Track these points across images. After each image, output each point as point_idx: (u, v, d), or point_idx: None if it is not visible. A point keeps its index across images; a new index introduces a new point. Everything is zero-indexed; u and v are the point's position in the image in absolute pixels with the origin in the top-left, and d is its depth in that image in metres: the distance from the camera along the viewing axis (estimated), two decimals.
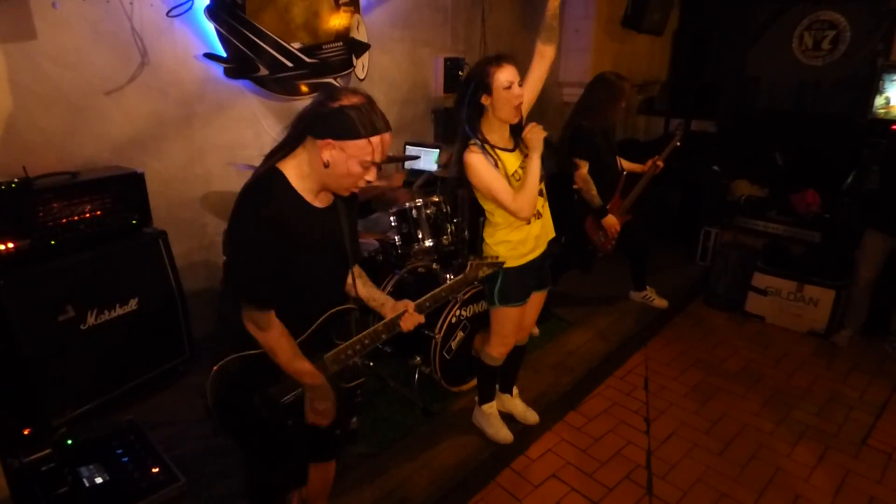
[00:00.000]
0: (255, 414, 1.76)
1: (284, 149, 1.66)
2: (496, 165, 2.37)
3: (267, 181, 1.64)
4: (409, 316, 1.89)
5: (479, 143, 2.37)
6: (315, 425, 1.81)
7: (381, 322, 1.87)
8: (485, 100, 2.33)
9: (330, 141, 1.57)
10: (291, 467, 1.99)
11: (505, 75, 2.29)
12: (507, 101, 2.31)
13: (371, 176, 1.66)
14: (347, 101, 1.57)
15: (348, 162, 1.59)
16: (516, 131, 2.48)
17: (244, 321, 1.67)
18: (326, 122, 1.57)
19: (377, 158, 1.62)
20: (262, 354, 1.72)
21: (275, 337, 1.66)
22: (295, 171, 1.66)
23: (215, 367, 1.71)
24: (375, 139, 1.59)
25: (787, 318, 4.49)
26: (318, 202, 1.72)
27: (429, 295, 1.97)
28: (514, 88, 2.30)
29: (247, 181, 1.66)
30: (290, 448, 1.92)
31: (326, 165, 1.60)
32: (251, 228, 1.59)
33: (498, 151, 2.40)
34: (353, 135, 1.56)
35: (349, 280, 1.95)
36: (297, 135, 1.64)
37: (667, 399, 3.56)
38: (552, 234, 2.67)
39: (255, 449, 1.89)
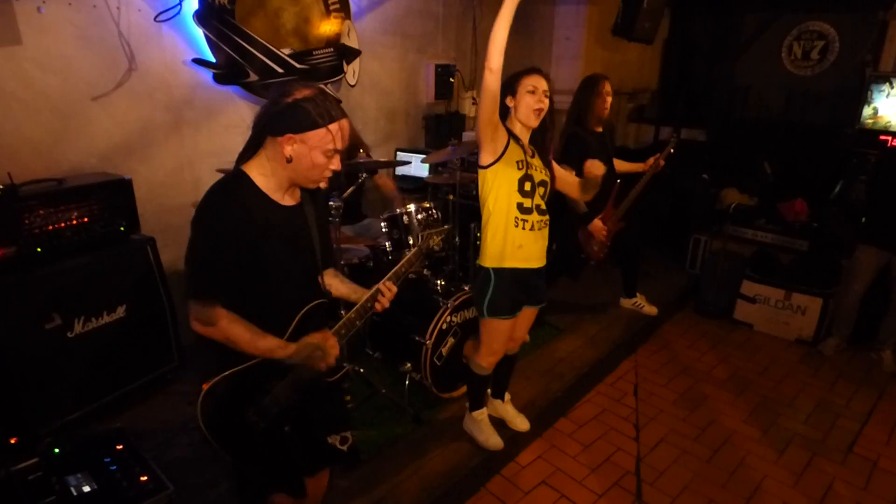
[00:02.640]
0: (251, 429, 1.74)
1: (247, 152, 1.69)
2: (506, 146, 2.47)
3: (230, 181, 1.66)
4: (385, 291, 1.89)
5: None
6: (330, 367, 1.79)
7: (353, 308, 1.87)
8: (509, 101, 2.50)
9: (290, 135, 1.59)
10: (291, 477, 1.95)
11: (531, 80, 2.47)
12: (528, 104, 2.46)
13: (335, 165, 1.67)
14: (300, 94, 1.60)
15: (311, 153, 1.62)
16: (537, 143, 2.60)
17: (192, 324, 1.64)
18: (283, 117, 1.59)
19: (338, 146, 1.64)
20: (244, 370, 1.70)
21: (225, 327, 1.63)
22: (258, 170, 1.68)
23: (201, 393, 1.70)
24: (334, 127, 1.61)
25: (776, 326, 4.52)
26: (285, 200, 1.73)
27: (391, 273, 1.95)
28: (537, 94, 2.46)
29: (213, 184, 1.67)
30: (289, 457, 1.89)
31: (289, 160, 1.62)
32: (207, 225, 1.61)
33: (513, 139, 2.51)
34: (312, 125, 1.59)
35: (326, 281, 1.95)
36: (257, 136, 1.67)
37: (656, 406, 3.58)
38: (542, 261, 2.68)
39: (255, 463, 1.85)
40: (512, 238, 2.55)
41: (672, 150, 4.01)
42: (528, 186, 2.51)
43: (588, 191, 2.78)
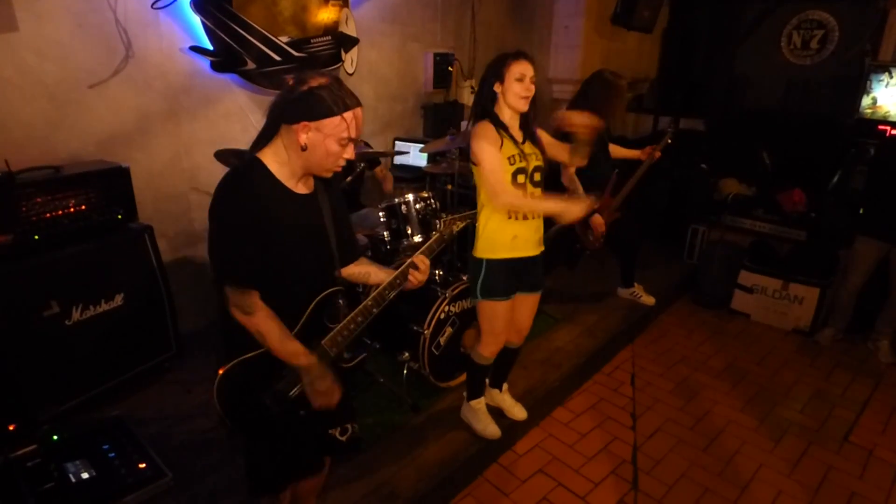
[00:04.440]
0: (267, 412, 1.77)
1: (262, 140, 1.69)
2: (501, 144, 2.46)
3: (246, 169, 1.67)
4: (418, 263, 1.91)
5: (491, 120, 2.51)
6: (323, 408, 1.79)
7: (370, 296, 1.87)
8: (497, 87, 2.48)
9: (305, 123, 1.59)
10: (307, 457, 1.99)
11: (519, 68, 2.43)
12: (517, 92, 2.44)
13: (350, 153, 1.68)
14: (315, 82, 1.60)
15: (326, 141, 1.62)
16: (526, 128, 2.59)
17: (230, 308, 1.66)
18: (298, 105, 1.59)
19: (353, 134, 1.65)
20: (261, 354, 1.72)
21: (262, 319, 1.65)
22: (273, 158, 1.68)
23: (219, 375, 1.71)
24: (348, 115, 1.62)
25: (773, 316, 4.54)
26: (300, 188, 1.74)
27: (423, 248, 1.98)
28: (524, 82, 2.44)
29: (227, 171, 1.68)
30: (304, 439, 1.93)
31: (304, 148, 1.62)
32: (228, 212, 1.61)
33: (504, 133, 2.50)
34: (327, 113, 1.59)
35: (357, 270, 1.96)
36: (272, 124, 1.67)
37: (653, 395, 3.59)
38: (540, 247, 2.69)
39: (270, 444, 1.88)
40: (507, 230, 2.55)
41: (669, 141, 4.00)
42: (521, 179, 2.51)
43: (578, 153, 2.71)
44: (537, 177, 2.57)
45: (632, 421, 3.35)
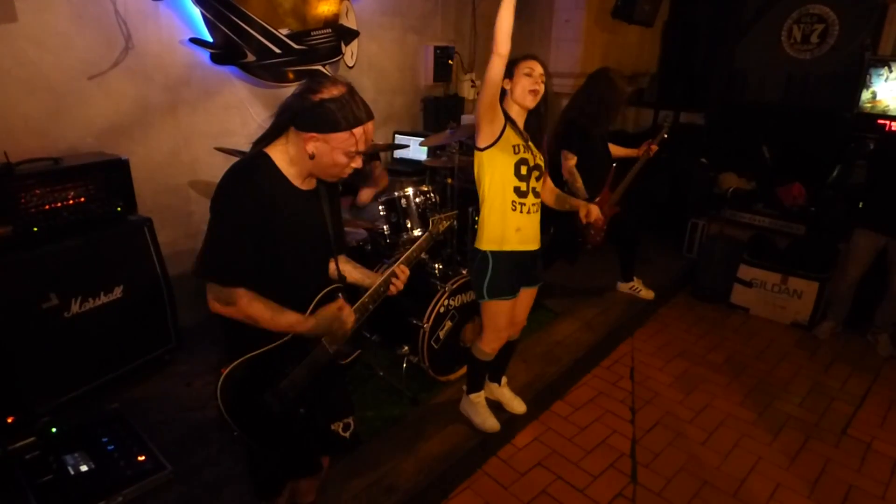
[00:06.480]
0: (268, 411, 1.76)
1: (269, 137, 1.69)
2: (503, 129, 2.49)
3: (253, 162, 1.66)
4: (399, 273, 1.93)
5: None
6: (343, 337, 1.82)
7: (367, 293, 1.89)
8: (506, 83, 2.52)
9: (314, 134, 1.60)
10: (306, 457, 2.00)
11: (528, 64, 2.51)
12: (524, 86, 2.49)
13: (357, 164, 1.70)
14: (328, 93, 1.59)
15: (333, 153, 1.63)
16: (531, 129, 2.63)
17: (210, 304, 1.64)
18: (308, 116, 1.59)
19: (361, 148, 1.66)
20: (261, 354, 1.72)
21: (245, 305, 1.63)
22: (282, 155, 1.68)
23: (220, 378, 1.70)
24: (358, 130, 1.62)
25: (772, 310, 4.54)
26: (304, 185, 1.74)
27: (403, 257, 2.01)
28: (533, 76, 2.49)
29: (234, 163, 1.67)
30: (306, 437, 1.93)
31: (312, 157, 1.63)
32: (229, 210, 1.60)
33: (510, 123, 2.54)
34: (335, 128, 1.59)
35: (339, 267, 1.96)
36: (281, 125, 1.66)
37: (652, 389, 3.60)
38: (537, 243, 2.70)
39: (270, 444, 1.87)
40: (510, 221, 2.56)
41: (665, 136, 4.00)
42: (524, 170, 2.53)
43: (561, 206, 2.85)
44: (536, 174, 2.58)
45: (631, 414, 3.35)
